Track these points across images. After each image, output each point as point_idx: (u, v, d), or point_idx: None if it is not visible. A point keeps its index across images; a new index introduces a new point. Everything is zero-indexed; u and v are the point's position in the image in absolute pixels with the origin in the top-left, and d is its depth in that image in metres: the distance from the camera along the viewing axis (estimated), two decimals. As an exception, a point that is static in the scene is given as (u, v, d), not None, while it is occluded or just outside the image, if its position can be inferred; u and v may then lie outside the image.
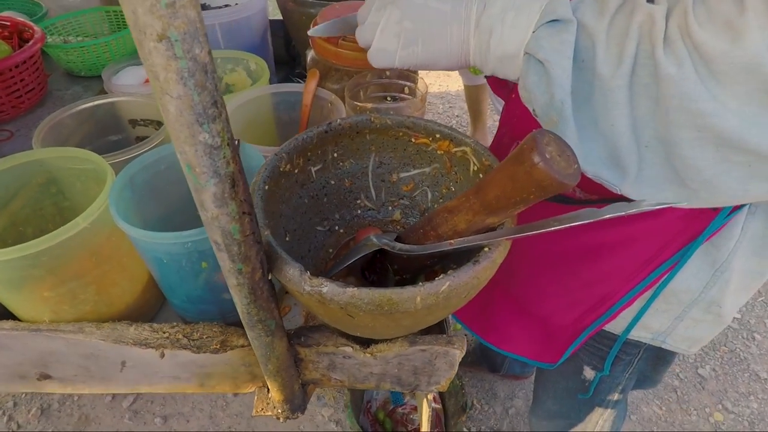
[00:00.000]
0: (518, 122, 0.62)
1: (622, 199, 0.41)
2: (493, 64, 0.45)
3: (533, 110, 0.43)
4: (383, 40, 0.49)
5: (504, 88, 0.68)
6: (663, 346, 0.63)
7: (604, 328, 0.63)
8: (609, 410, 0.83)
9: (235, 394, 1.47)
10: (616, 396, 0.79)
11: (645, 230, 0.54)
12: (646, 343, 0.66)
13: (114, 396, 1.47)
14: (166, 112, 0.25)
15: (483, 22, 0.44)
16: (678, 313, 0.59)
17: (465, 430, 1.37)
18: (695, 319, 0.59)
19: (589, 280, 0.60)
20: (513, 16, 0.42)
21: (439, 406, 1.34)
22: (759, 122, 0.34)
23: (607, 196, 0.49)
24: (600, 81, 0.39)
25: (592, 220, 0.33)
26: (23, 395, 1.49)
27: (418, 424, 1.32)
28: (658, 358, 0.72)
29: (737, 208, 0.49)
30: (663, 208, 0.48)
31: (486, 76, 0.66)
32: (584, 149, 0.41)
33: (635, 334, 0.63)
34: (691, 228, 0.51)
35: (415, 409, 1.36)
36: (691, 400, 1.49)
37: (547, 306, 0.66)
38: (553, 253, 0.62)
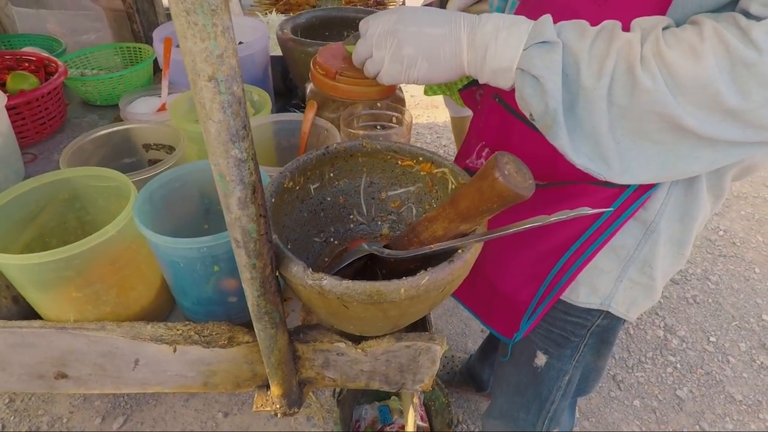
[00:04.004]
0: (483, 127, 0.75)
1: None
2: (488, 75, 0.56)
3: (530, 115, 0.53)
4: (390, 67, 0.60)
5: (473, 100, 0.80)
6: (610, 310, 0.71)
7: (561, 297, 0.72)
8: (554, 416, 0.89)
9: (225, 415, 1.49)
10: (562, 390, 0.85)
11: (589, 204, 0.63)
12: (593, 320, 0.74)
13: (104, 418, 1.48)
14: (207, 132, 0.32)
15: (478, 41, 0.54)
16: (618, 273, 0.68)
17: (452, 448, 1.39)
18: (632, 280, 0.68)
19: (543, 253, 0.69)
20: (505, 36, 0.52)
21: (425, 425, 1.37)
22: (706, 120, 0.46)
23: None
24: (584, 91, 0.49)
25: (542, 224, 0.41)
26: (12, 417, 1.49)
27: (406, 443, 1.34)
28: (602, 342, 0.80)
29: None
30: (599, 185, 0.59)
31: (459, 90, 0.77)
32: (573, 146, 0.52)
33: (587, 300, 0.71)
34: (627, 200, 0.61)
35: (402, 428, 1.38)
36: (670, 420, 1.54)
37: (511, 283, 0.74)
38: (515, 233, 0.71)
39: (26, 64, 0.91)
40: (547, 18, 0.51)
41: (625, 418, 1.53)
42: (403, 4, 0.97)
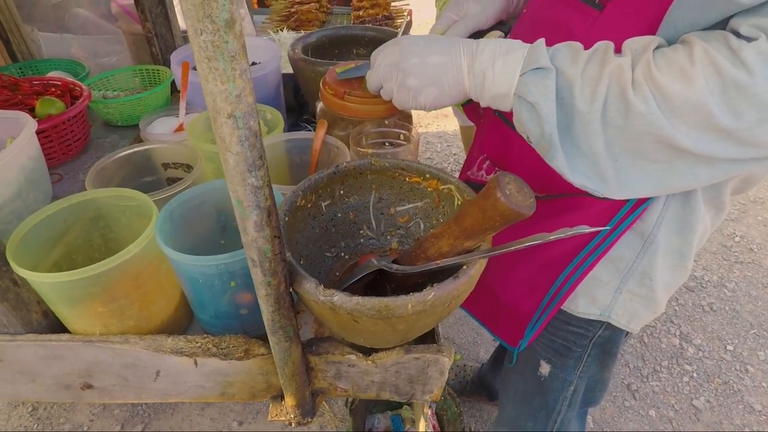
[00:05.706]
0: (484, 140, 0.78)
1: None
2: (488, 100, 0.58)
3: (527, 138, 0.55)
4: (399, 96, 0.64)
5: (476, 115, 0.82)
6: (610, 321, 0.72)
7: (562, 307, 0.73)
8: (562, 426, 0.89)
9: (240, 424, 1.51)
10: (568, 401, 0.85)
11: (582, 218, 0.64)
12: (594, 331, 0.75)
13: (123, 426, 1.51)
14: (226, 163, 0.35)
15: (476, 68, 0.57)
16: (617, 285, 0.69)
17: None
18: (632, 292, 0.69)
19: (543, 264, 0.70)
20: (501, 63, 0.55)
21: (438, 434, 1.38)
22: (701, 140, 0.48)
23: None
24: (579, 115, 0.51)
25: (542, 242, 0.43)
26: (36, 425, 1.53)
27: (419, 452, 1.35)
28: (605, 353, 0.80)
29: None
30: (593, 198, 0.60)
31: (463, 105, 0.80)
32: (570, 166, 0.53)
33: (586, 311, 0.72)
34: (622, 214, 0.62)
35: (415, 438, 1.39)
36: (687, 431, 1.52)
37: (512, 293, 0.76)
38: None
39: (53, 89, 0.96)
40: (541, 44, 0.53)
41: (640, 428, 1.52)
42: (410, 21, 1.00)
